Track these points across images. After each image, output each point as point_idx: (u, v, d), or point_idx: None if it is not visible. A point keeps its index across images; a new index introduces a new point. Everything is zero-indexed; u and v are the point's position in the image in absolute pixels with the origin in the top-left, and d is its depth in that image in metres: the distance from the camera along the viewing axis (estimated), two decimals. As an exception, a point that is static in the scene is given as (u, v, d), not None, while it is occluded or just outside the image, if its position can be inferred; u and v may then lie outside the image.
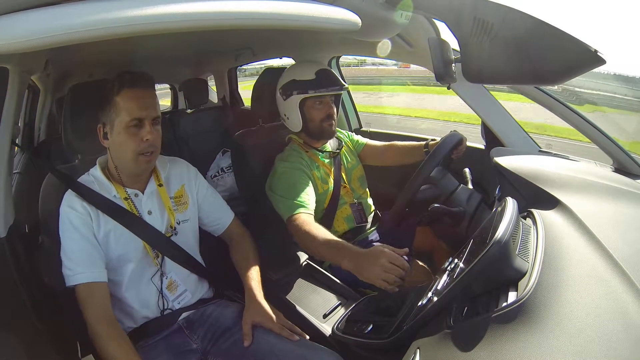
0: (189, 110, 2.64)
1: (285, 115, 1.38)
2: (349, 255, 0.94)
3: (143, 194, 0.98)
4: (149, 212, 0.98)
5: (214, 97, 3.31)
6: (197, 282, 1.05)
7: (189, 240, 1.05)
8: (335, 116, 1.36)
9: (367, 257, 0.90)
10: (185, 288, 1.01)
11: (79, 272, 0.87)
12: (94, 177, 0.97)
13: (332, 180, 1.37)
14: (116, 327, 0.87)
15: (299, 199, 1.19)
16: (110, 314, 0.88)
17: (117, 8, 0.53)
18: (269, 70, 1.56)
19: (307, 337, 0.91)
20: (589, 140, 1.19)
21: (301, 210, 1.16)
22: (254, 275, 1.01)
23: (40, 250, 1.00)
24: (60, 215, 0.91)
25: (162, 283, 0.98)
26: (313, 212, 1.19)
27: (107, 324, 0.85)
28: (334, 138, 1.45)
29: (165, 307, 0.98)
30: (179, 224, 1.01)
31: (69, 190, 0.93)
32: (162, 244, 0.98)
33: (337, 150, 1.43)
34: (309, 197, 1.22)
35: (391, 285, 0.86)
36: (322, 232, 1.07)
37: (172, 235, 0.99)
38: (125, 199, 0.96)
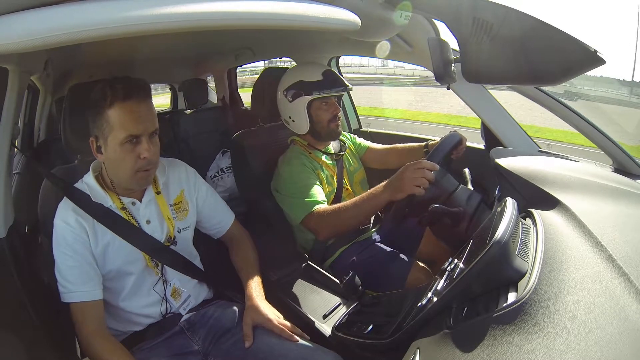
0: (188, 111, 2.64)
1: (290, 117, 1.36)
2: (381, 191, 1.05)
3: (140, 202, 0.95)
4: (148, 222, 0.95)
5: (213, 97, 3.31)
6: (198, 285, 1.04)
7: (188, 247, 1.03)
8: (340, 116, 1.36)
9: (394, 179, 1.02)
10: (189, 294, 1.01)
11: (73, 290, 0.85)
12: (88, 185, 0.92)
13: (335, 183, 1.37)
14: (111, 340, 0.86)
15: (311, 197, 1.21)
16: (105, 328, 0.87)
17: (116, 8, 0.53)
18: (269, 70, 1.56)
19: (308, 337, 0.91)
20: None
21: (316, 206, 1.19)
22: (254, 276, 1.01)
23: (40, 250, 1.00)
24: (53, 229, 0.87)
25: (165, 291, 0.97)
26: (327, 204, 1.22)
27: (102, 338, 0.84)
28: (337, 140, 1.45)
29: (169, 312, 0.97)
30: (179, 232, 0.99)
31: (64, 200, 0.90)
32: (161, 254, 0.95)
33: (341, 153, 1.43)
34: (320, 193, 1.24)
35: (423, 186, 0.97)
36: (344, 203, 1.14)
37: (171, 244, 0.97)
38: (122, 208, 0.92)
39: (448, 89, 1.22)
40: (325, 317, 1.00)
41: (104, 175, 0.94)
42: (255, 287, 0.98)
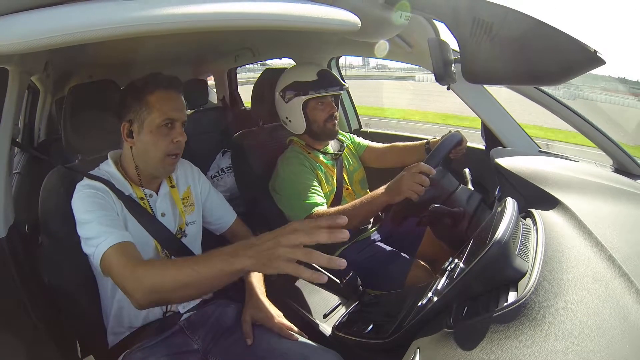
0: (189, 111, 2.65)
1: (287, 118, 1.37)
2: (380, 193, 1.07)
3: (157, 195, 0.98)
4: (163, 214, 0.97)
5: (213, 97, 3.31)
6: None
7: (195, 242, 1.05)
8: (337, 116, 1.37)
9: (393, 182, 1.05)
10: None
11: (110, 232, 0.79)
12: (108, 173, 0.93)
13: (335, 182, 1.37)
14: (155, 262, 0.85)
15: (310, 200, 1.22)
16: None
17: (117, 9, 0.53)
18: (269, 71, 1.56)
19: (307, 336, 0.91)
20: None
21: (315, 208, 1.20)
22: (256, 274, 1.01)
23: (40, 250, 1.00)
24: (74, 198, 0.85)
25: None
26: (326, 206, 1.23)
27: (148, 264, 0.77)
28: (336, 140, 1.45)
29: (169, 309, 0.98)
30: (187, 225, 1.02)
31: (83, 179, 0.89)
32: (173, 245, 0.97)
33: (339, 152, 1.43)
34: (319, 194, 1.25)
35: (418, 192, 1.00)
36: (343, 206, 1.16)
37: (182, 236, 1.00)
38: (142, 199, 0.95)
39: (448, 89, 1.22)
40: (325, 316, 1.01)
41: (126, 165, 0.96)
42: (256, 284, 0.99)
